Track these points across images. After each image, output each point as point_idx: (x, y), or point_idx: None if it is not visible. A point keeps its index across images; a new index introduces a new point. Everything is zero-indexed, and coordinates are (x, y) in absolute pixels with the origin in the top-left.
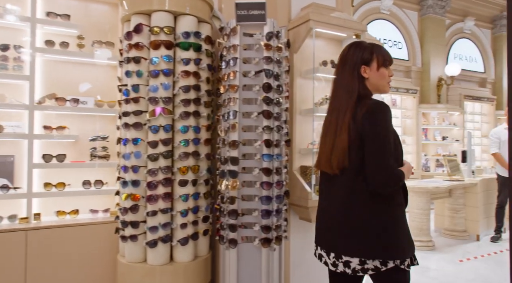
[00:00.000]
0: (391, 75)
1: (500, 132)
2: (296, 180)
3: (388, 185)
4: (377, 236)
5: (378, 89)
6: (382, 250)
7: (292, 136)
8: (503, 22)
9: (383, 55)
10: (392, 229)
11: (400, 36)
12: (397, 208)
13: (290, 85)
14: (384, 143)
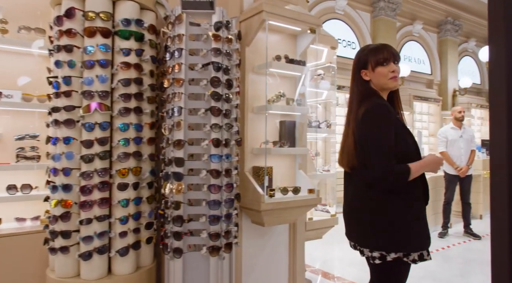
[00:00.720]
0: (393, 70)
1: (447, 131)
2: (248, 182)
3: (384, 181)
4: (384, 229)
5: (382, 87)
6: (386, 242)
7: (243, 135)
8: (447, 27)
9: (375, 55)
10: (397, 223)
11: (354, 37)
12: (404, 203)
13: (242, 80)
14: (377, 142)
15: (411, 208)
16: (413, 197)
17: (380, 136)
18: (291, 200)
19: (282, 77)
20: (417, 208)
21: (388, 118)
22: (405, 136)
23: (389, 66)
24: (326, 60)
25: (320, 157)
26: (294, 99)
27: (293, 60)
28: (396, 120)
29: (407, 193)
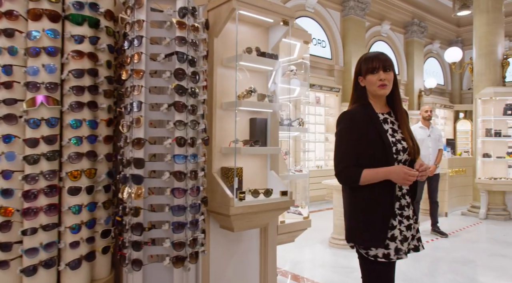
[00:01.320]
0: (381, 79)
1: (416, 131)
2: (216, 184)
3: (339, 180)
4: (345, 220)
5: (373, 94)
6: (346, 231)
7: (211, 134)
8: (414, 28)
9: (366, 64)
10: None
11: (324, 35)
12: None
13: (209, 74)
14: (337, 146)
15: (366, 206)
16: (370, 197)
17: (340, 140)
18: (262, 203)
19: (253, 72)
20: (372, 207)
21: (351, 125)
22: (374, 143)
23: (378, 74)
24: (299, 55)
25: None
26: (265, 95)
27: (265, 53)
28: (369, 127)
29: (365, 193)
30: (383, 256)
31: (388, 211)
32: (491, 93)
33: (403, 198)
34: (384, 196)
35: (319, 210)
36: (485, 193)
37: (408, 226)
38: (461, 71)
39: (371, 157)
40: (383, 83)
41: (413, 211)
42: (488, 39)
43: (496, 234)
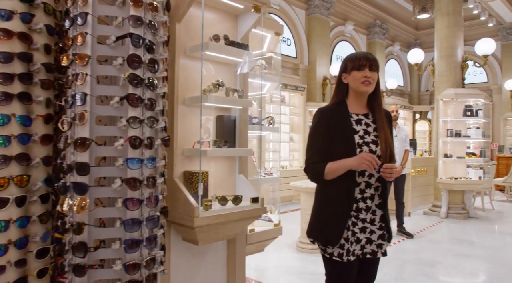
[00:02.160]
0: (365, 76)
1: None
2: (178, 191)
3: (308, 176)
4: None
5: (356, 90)
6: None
7: (172, 133)
8: (376, 30)
9: (352, 60)
10: (312, 213)
11: (289, 33)
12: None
13: (171, 64)
14: (308, 142)
15: (323, 203)
16: (328, 194)
17: (311, 137)
18: (231, 212)
19: (221, 63)
20: (328, 204)
21: (321, 122)
22: (340, 142)
23: (363, 71)
24: (269, 48)
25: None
26: (235, 90)
27: (234, 42)
28: (338, 126)
29: (325, 189)
30: (338, 255)
31: (346, 211)
32: (452, 94)
33: (362, 201)
34: (343, 196)
35: (284, 212)
36: (446, 192)
37: (362, 229)
38: (423, 72)
39: (336, 156)
40: (367, 80)
41: (381, 217)
42: (449, 41)
43: (458, 233)
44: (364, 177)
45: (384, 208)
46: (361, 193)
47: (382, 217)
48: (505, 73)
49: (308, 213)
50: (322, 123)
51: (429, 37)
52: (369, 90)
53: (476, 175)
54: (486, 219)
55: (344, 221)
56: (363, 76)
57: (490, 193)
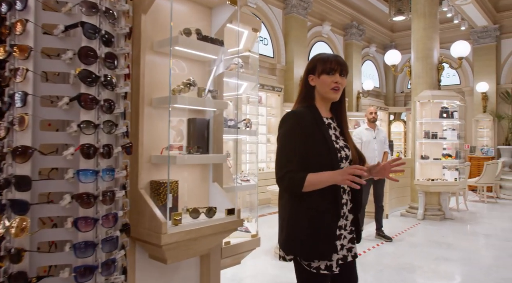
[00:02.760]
0: (336, 81)
1: (362, 132)
2: (144, 204)
3: (281, 186)
4: (283, 230)
5: (324, 96)
6: (283, 242)
7: (136, 139)
8: (352, 31)
9: (323, 63)
10: (293, 227)
11: (266, 33)
12: (305, 210)
13: (135, 61)
14: (280, 149)
15: (309, 215)
16: (313, 206)
17: (284, 143)
18: (204, 226)
19: (193, 61)
20: (316, 217)
21: (296, 128)
22: (318, 146)
23: (334, 76)
24: (246, 46)
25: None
26: (208, 90)
27: (208, 37)
28: (314, 130)
29: (307, 201)
30: (325, 268)
31: (335, 221)
32: (429, 96)
33: (345, 206)
34: (330, 204)
35: (262, 215)
36: (423, 194)
37: (339, 236)
38: (399, 74)
39: (317, 162)
40: (337, 86)
41: (351, 221)
42: (425, 43)
43: (435, 235)
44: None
45: (356, 212)
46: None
47: (353, 221)
48: (477, 76)
49: None
50: (296, 128)
51: (404, 39)
52: (337, 98)
53: (452, 176)
54: (461, 220)
55: (334, 231)
56: (333, 82)
57: (464, 194)
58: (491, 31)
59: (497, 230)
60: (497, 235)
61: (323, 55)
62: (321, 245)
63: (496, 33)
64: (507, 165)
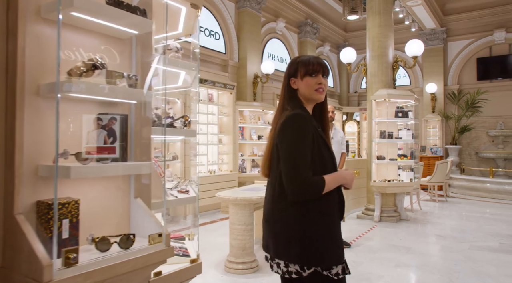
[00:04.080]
0: (319, 82)
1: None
2: (21, 237)
3: (300, 194)
4: (297, 242)
5: (307, 98)
6: (300, 255)
7: (13, 142)
8: (307, 29)
9: (305, 65)
10: (311, 236)
11: (218, 27)
12: (319, 216)
13: (11, 30)
14: (292, 154)
15: (324, 221)
16: (325, 210)
17: (297, 148)
18: (117, 262)
19: (106, 37)
20: (329, 222)
21: (306, 129)
22: (322, 150)
23: (317, 78)
24: (186, 28)
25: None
26: (122, 74)
27: (123, 3)
28: (315, 133)
29: (319, 206)
30: (342, 272)
31: (339, 222)
32: (385, 95)
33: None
34: (334, 206)
35: (212, 222)
36: (379, 195)
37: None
38: (355, 72)
39: (322, 167)
40: (321, 87)
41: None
42: (380, 41)
43: (393, 238)
44: None
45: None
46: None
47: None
48: (426, 77)
49: (238, 228)
50: (307, 130)
51: (357, 39)
52: (322, 98)
53: (407, 176)
54: (416, 220)
55: (340, 232)
56: (317, 83)
57: (418, 194)
58: (439, 34)
59: (449, 230)
60: (451, 236)
61: (304, 58)
62: (337, 249)
63: (443, 36)
64: (455, 164)
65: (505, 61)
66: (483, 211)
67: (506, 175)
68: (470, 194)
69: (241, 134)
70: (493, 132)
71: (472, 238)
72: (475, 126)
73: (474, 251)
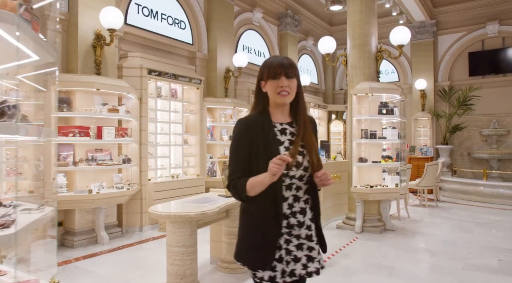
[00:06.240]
0: (281, 85)
1: None
2: None
3: (232, 194)
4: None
5: (273, 101)
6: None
7: None
8: (287, 21)
9: (268, 68)
10: (239, 235)
11: (184, 15)
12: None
13: None
14: (230, 157)
15: (243, 220)
16: (246, 210)
17: (233, 150)
18: None
19: None
20: (249, 222)
21: (243, 134)
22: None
23: (279, 80)
24: None
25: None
26: None
27: None
28: (260, 138)
29: (244, 206)
30: (269, 279)
31: (274, 231)
32: (366, 88)
33: (292, 216)
34: (269, 214)
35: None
36: (361, 203)
37: (298, 246)
38: (335, 64)
39: (262, 170)
40: (284, 90)
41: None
42: (362, 28)
43: (375, 255)
44: (291, 190)
45: (318, 221)
46: (289, 207)
47: (315, 229)
48: (415, 72)
49: (176, 251)
50: (243, 135)
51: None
52: (287, 101)
53: (392, 181)
54: (403, 231)
55: (273, 241)
56: (279, 87)
57: (405, 199)
58: (429, 27)
59: (440, 243)
60: (442, 252)
61: (268, 60)
62: (256, 255)
63: (433, 29)
64: (446, 165)
65: (499, 56)
66: (477, 217)
67: (500, 177)
68: (462, 198)
69: (211, 135)
70: (486, 131)
71: (466, 254)
72: (467, 125)
73: (469, 273)
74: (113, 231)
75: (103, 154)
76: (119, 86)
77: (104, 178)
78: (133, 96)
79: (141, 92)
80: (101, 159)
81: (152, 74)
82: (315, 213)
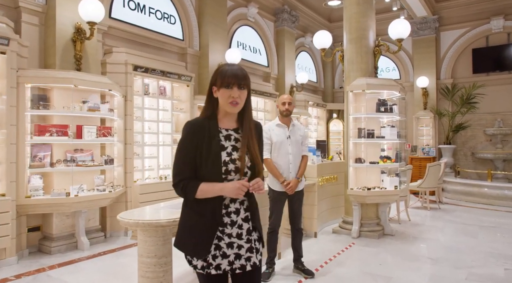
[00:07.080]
0: (233, 96)
1: (271, 130)
2: None
3: (177, 193)
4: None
5: (223, 108)
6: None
7: None
8: (284, 16)
9: (222, 76)
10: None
11: (174, 9)
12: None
13: None
14: (175, 157)
15: (184, 212)
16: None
17: (179, 151)
18: None
19: None
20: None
21: (188, 137)
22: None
23: (231, 90)
24: None
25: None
26: None
27: None
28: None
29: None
30: (201, 268)
31: (211, 226)
32: (363, 85)
33: (226, 216)
34: (208, 211)
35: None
36: (358, 206)
37: (229, 244)
38: (330, 59)
39: (204, 173)
40: (235, 101)
41: (247, 230)
42: (359, 21)
43: (372, 263)
44: None
45: (254, 221)
46: (225, 208)
47: (249, 230)
48: (417, 70)
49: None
50: (189, 137)
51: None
52: (236, 111)
53: (391, 183)
54: (402, 236)
55: (209, 236)
56: (230, 96)
57: (406, 201)
58: (431, 23)
59: (442, 249)
60: (444, 259)
61: (223, 68)
62: (195, 245)
63: (436, 25)
64: (449, 165)
65: (503, 52)
66: (481, 220)
67: (505, 178)
68: (466, 200)
69: None
70: (491, 130)
71: (470, 262)
72: (471, 124)
73: None
74: (95, 235)
75: (84, 155)
76: (100, 82)
77: (84, 179)
78: (116, 93)
79: (126, 89)
80: (81, 160)
81: (138, 70)
82: (251, 213)
